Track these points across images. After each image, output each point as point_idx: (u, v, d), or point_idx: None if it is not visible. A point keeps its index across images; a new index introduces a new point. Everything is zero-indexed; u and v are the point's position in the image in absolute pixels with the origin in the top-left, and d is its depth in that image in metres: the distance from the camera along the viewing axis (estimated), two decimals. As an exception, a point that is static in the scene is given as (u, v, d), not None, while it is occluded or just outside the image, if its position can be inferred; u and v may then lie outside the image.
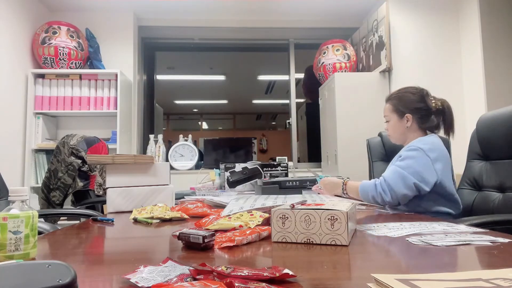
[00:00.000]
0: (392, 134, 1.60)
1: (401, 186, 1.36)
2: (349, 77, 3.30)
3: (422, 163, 1.38)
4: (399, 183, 1.36)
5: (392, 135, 1.60)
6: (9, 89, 3.01)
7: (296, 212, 0.78)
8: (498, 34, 2.81)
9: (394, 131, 1.58)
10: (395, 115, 1.56)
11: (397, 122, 1.56)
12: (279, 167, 2.33)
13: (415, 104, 1.53)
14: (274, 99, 7.62)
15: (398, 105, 1.55)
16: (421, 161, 1.38)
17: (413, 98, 1.54)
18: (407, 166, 1.38)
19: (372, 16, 3.46)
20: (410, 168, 1.37)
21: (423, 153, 1.39)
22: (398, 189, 1.36)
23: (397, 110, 1.55)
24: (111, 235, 0.96)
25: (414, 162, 1.38)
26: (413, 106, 1.52)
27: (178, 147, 3.55)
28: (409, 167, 1.38)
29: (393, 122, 1.57)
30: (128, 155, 1.47)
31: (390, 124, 1.58)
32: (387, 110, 1.60)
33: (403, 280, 0.46)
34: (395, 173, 1.39)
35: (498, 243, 0.74)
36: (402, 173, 1.37)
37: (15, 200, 0.66)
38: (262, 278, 0.50)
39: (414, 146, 1.43)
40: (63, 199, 2.38)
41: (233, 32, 3.99)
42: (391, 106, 1.58)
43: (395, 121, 1.56)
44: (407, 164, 1.39)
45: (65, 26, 3.31)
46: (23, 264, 0.44)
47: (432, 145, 1.43)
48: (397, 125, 1.56)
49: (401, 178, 1.37)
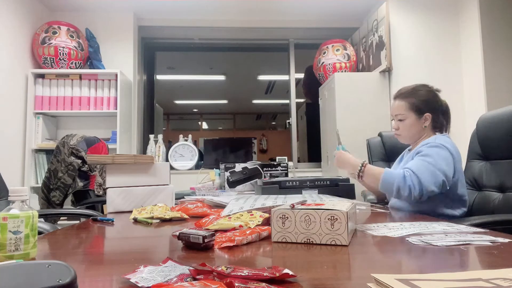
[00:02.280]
0: (406, 133, 1.51)
1: (431, 182, 1.29)
2: (349, 77, 3.30)
3: (448, 161, 1.34)
4: (429, 179, 1.29)
5: (404, 134, 1.52)
6: (9, 89, 3.01)
7: (296, 212, 0.78)
8: (498, 34, 2.81)
9: (409, 130, 1.50)
10: (412, 113, 1.48)
11: (415, 121, 1.48)
12: (279, 167, 2.33)
13: (434, 103, 1.48)
14: (274, 99, 7.62)
15: (418, 103, 1.47)
16: (447, 160, 1.34)
17: (430, 96, 1.48)
18: (436, 163, 1.31)
19: (372, 16, 3.46)
20: (439, 165, 1.31)
21: (448, 151, 1.35)
22: (428, 185, 1.29)
23: (416, 108, 1.47)
24: (111, 235, 0.96)
25: (442, 159, 1.33)
26: (432, 105, 1.48)
27: (178, 147, 3.55)
28: (438, 164, 1.32)
29: (409, 121, 1.49)
30: (128, 155, 1.47)
31: (405, 123, 1.50)
32: (402, 108, 1.50)
33: (403, 280, 0.46)
34: (425, 168, 1.31)
35: (498, 243, 0.74)
36: (432, 169, 1.30)
37: (15, 200, 0.66)
38: (262, 278, 0.50)
39: (438, 143, 1.37)
40: (63, 199, 2.38)
41: (233, 32, 3.99)
42: (407, 104, 1.49)
43: (412, 120, 1.48)
44: (435, 161, 1.32)
45: (65, 26, 3.31)
46: (23, 264, 0.44)
47: (452, 145, 1.40)
48: (414, 124, 1.48)
49: (432, 175, 1.30)
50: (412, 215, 1.23)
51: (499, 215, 1.31)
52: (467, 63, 3.05)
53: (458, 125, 2.78)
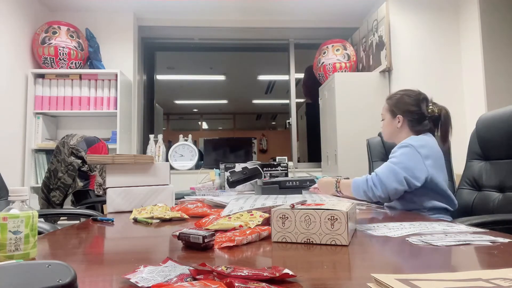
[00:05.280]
0: (384, 131, 1.69)
1: (392, 180, 1.39)
2: (349, 77, 3.30)
3: (412, 159, 1.42)
4: (390, 177, 1.40)
5: (383, 132, 1.70)
6: (9, 89, 3.01)
7: (296, 212, 0.78)
8: (498, 34, 2.81)
9: (385, 129, 1.67)
10: (388, 114, 1.64)
11: (389, 121, 1.63)
12: (279, 167, 2.33)
13: (408, 107, 1.57)
14: (274, 99, 7.63)
15: (392, 106, 1.62)
16: (412, 157, 1.42)
17: (408, 101, 1.58)
18: (398, 162, 1.42)
19: (372, 16, 3.46)
20: (401, 164, 1.41)
21: (414, 149, 1.43)
22: (389, 183, 1.39)
23: (391, 110, 1.63)
24: (111, 235, 0.96)
25: (405, 158, 1.42)
26: (405, 108, 1.58)
27: (178, 147, 3.55)
28: (400, 162, 1.42)
29: (386, 121, 1.65)
30: (128, 155, 1.47)
31: (384, 122, 1.67)
32: (383, 108, 1.68)
33: (403, 280, 0.46)
34: (387, 168, 1.43)
35: (498, 243, 0.74)
36: (393, 168, 1.41)
37: (15, 200, 0.66)
38: (262, 278, 0.50)
39: (406, 143, 1.47)
40: (63, 199, 2.38)
41: (233, 32, 3.99)
42: (387, 105, 1.66)
43: (387, 120, 1.64)
44: (399, 160, 1.43)
45: (65, 26, 3.31)
46: (23, 264, 0.44)
47: (423, 142, 1.46)
48: (389, 124, 1.63)
49: (392, 173, 1.40)
50: (412, 215, 1.24)
51: (499, 215, 1.31)
52: (467, 63, 3.05)
53: (458, 125, 2.78)
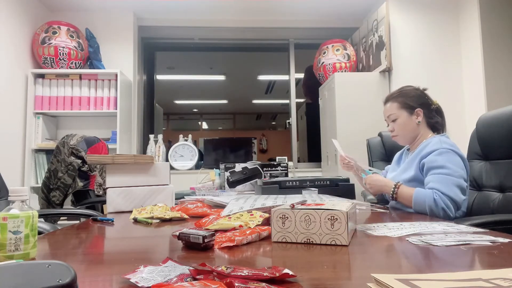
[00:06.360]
0: (402, 133, 1.53)
1: (459, 193, 1.31)
2: (349, 77, 3.30)
3: (459, 163, 1.36)
4: (457, 191, 1.31)
5: (401, 134, 1.53)
6: (9, 89, 3.01)
7: (296, 212, 0.78)
8: (498, 34, 2.81)
9: (404, 129, 1.51)
10: (403, 111, 1.50)
11: (407, 118, 1.50)
12: (279, 167, 2.33)
13: (422, 98, 1.51)
14: (274, 99, 7.62)
15: (407, 101, 1.50)
16: (458, 162, 1.36)
17: (419, 93, 1.52)
18: (454, 171, 1.33)
19: (372, 16, 3.46)
20: (456, 172, 1.33)
21: (455, 153, 1.37)
22: (459, 198, 1.31)
23: (406, 106, 1.50)
24: (111, 235, 0.96)
25: (455, 165, 1.34)
26: (421, 100, 1.50)
27: (178, 147, 3.55)
28: (455, 171, 1.33)
29: (402, 120, 1.51)
30: (128, 155, 1.47)
31: (398, 122, 1.52)
32: (393, 108, 1.53)
33: (403, 280, 0.46)
34: (449, 182, 1.31)
35: (498, 243, 0.74)
36: (455, 180, 1.32)
37: (15, 200, 0.66)
38: (262, 278, 0.50)
39: (443, 149, 1.37)
40: (63, 199, 2.38)
41: (233, 32, 3.99)
42: (397, 104, 1.52)
43: (404, 118, 1.50)
44: (453, 170, 1.33)
45: (65, 26, 3.31)
46: (23, 264, 0.44)
47: (452, 142, 1.42)
48: (407, 122, 1.50)
49: (456, 186, 1.31)
50: (412, 215, 1.23)
51: (499, 215, 1.31)
52: (467, 63, 3.04)
53: (458, 125, 2.78)
